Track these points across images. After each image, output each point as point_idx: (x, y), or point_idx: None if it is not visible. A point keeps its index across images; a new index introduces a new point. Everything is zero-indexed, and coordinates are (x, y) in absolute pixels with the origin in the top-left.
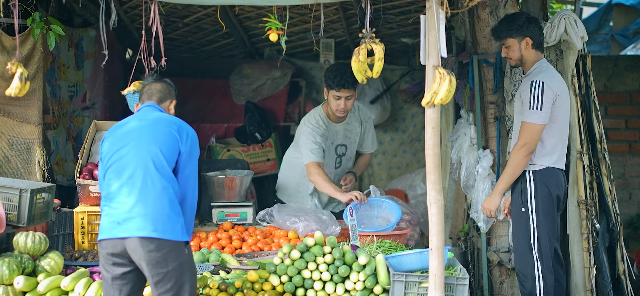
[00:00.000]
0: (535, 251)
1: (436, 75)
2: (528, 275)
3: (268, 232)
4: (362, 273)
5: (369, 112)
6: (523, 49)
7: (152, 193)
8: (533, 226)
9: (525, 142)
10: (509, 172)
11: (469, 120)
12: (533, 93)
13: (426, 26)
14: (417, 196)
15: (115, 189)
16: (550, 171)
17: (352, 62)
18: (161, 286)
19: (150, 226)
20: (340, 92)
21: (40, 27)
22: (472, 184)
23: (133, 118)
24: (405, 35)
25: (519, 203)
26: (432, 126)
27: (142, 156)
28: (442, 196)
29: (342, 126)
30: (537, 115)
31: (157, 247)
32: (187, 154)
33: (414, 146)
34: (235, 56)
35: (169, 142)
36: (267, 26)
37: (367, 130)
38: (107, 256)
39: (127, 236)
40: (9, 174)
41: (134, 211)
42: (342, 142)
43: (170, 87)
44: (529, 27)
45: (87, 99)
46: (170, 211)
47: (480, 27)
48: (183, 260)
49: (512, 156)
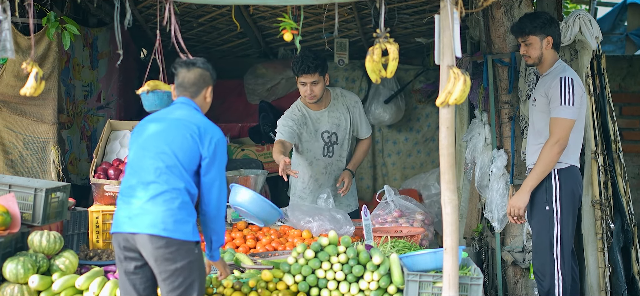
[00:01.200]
0: (557, 250)
1: (450, 75)
2: (546, 274)
3: (282, 231)
4: (376, 273)
5: (354, 96)
6: (544, 47)
7: (164, 193)
8: (557, 225)
9: (559, 139)
10: (540, 169)
11: (483, 120)
12: (564, 89)
13: (440, 26)
14: (431, 195)
15: (131, 185)
16: (574, 170)
17: (366, 62)
18: (169, 284)
19: (160, 225)
20: (303, 78)
21: (55, 26)
22: (486, 184)
23: (154, 119)
24: (419, 35)
25: (544, 201)
26: (446, 125)
27: (157, 159)
28: (457, 195)
29: (324, 113)
30: (570, 110)
31: (165, 244)
32: (209, 158)
33: (428, 146)
34: (250, 56)
35: (186, 147)
36: (282, 26)
37: (357, 115)
38: (120, 250)
39: (137, 232)
40: (24, 173)
41: (145, 208)
42: (328, 129)
43: (206, 72)
44: (551, 27)
45: (102, 99)
46: (182, 211)
47: (494, 27)
48: (192, 258)
49: (545, 152)
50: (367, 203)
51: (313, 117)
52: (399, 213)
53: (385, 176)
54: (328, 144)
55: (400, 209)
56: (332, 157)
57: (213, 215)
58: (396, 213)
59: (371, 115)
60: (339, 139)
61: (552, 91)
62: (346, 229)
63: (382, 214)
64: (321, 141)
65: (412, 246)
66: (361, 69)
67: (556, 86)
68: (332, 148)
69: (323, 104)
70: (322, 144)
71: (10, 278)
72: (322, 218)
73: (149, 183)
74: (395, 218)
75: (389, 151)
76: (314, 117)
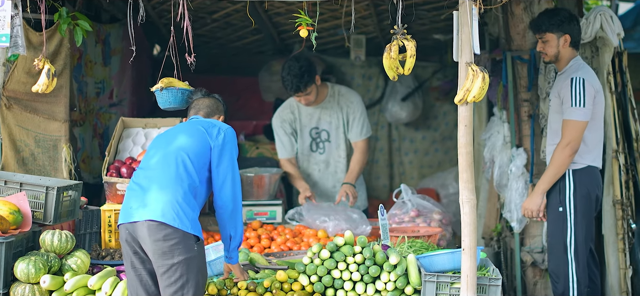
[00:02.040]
0: (571, 252)
1: (469, 72)
2: (561, 276)
3: (297, 231)
4: (393, 273)
5: (353, 96)
6: (561, 45)
7: (167, 182)
8: (570, 227)
9: (570, 141)
10: (552, 172)
11: (503, 118)
12: (574, 90)
13: (459, 22)
14: (449, 195)
15: (138, 179)
16: (590, 170)
17: (383, 59)
18: (166, 278)
19: (158, 212)
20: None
21: (67, 22)
22: (505, 184)
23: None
24: (437, 31)
25: (557, 202)
26: (464, 124)
27: (165, 150)
28: (475, 195)
29: (316, 110)
30: (581, 112)
31: (164, 237)
32: (219, 148)
33: (446, 145)
34: (265, 53)
35: (196, 138)
36: (297, 22)
37: (350, 115)
38: (125, 243)
39: (137, 221)
40: (36, 171)
41: (147, 197)
42: (316, 125)
43: (219, 103)
44: (570, 25)
45: (114, 96)
46: (183, 202)
47: (514, 24)
48: (191, 255)
49: (556, 155)
50: (384, 202)
51: (304, 112)
52: (416, 213)
53: (402, 175)
54: (317, 141)
55: (418, 208)
56: (323, 154)
57: (230, 210)
58: (413, 212)
59: (388, 113)
60: (332, 137)
61: (564, 91)
62: (362, 228)
63: (399, 213)
64: (308, 137)
65: (429, 247)
66: (378, 66)
67: (567, 87)
68: (322, 145)
69: (317, 101)
70: (310, 140)
71: (21, 277)
72: (338, 217)
73: (154, 176)
74: (413, 217)
75: (406, 150)
76: (305, 112)
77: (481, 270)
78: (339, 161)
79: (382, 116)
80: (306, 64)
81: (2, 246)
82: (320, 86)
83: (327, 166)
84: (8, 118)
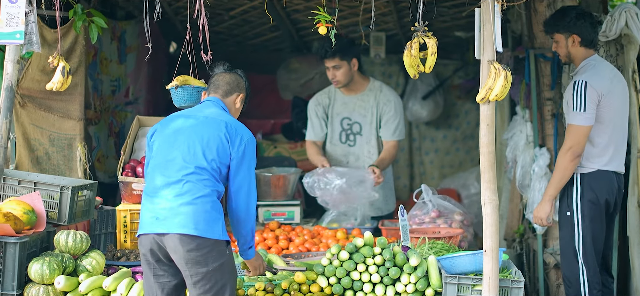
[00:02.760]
0: (580, 256)
1: (491, 70)
2: (573, 281)
3: (316, 232)
4: (413, 275)
5: (393, 96)
6: (569, 46)
7: (194, 192)
8: (578, 231)
9: (571, 146)
10: (556, 177)
11: (525, 117)
12: (576, 94)
13: (481, 19)
14: (471, 195)
15: (158, 185)
16: (600, 174)
17: (404, 57)
18: (200, 287)
19: (191, 224)
20: (326, 62)
21: (82, 19)
22: (527, 184)
23: (184, 114)
24: (459, 28)
25: (565, 206)
26: (486, 123)
27: (187, 157)
28: (497, 195)
29: (354, 99)
30: (581, 116)
31: (197, 246)
32: (239, 159)
33: (467, 144)
34: (283, 50)
35: (217, 146)
36: (316, 19)
37: (385, 114)
38: (147, 252)
39: (166, 233)
40: (50, 171)
41: (175, 208)
42: (349, 116)
43: (240, 79)
44: (577, 24)
45: (130, 94)
46: (212, 210)
47: (537, 21)
48: (224, 260)
49: (559, 160)
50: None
51: (340, 100)
52: (436, 214)
53: (422, 175)
54: (348, 132)
55: (438, 209)
56: (353, 147)
57: (242, 218)
58: (434, 213)
59: (408, 111)
60: (364, 131)
61: (567, 94)
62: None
63: (419, 214)
64: (338, 126)
65: (450, 248)
66: (398, 64)
67: (569, 90)
68: (353, 137)
69: (353, 90)
70: (340, 130)
71: (35, 278)
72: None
73: (177, 182)
74: (433, 218)
75: (426, 149)
76: (341, 100)
77: (503, 272)
78: (368, 156)
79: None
80: (345, 40)
81: (16, 247)
82: (359, 75)
83: (356, 159)
84: (22, 116)
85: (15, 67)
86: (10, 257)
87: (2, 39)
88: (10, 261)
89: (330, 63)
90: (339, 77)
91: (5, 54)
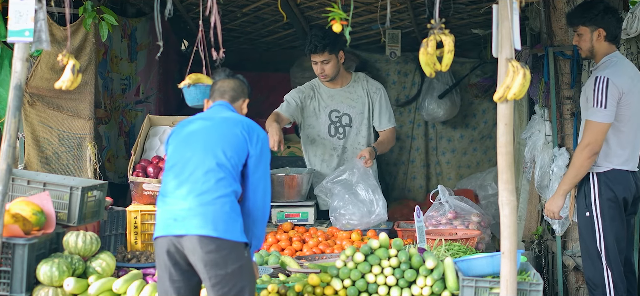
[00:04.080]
0: (604, 258)
1: (509, 68)
2: (598, 284)
3: (330, 233)
4: (429, 278)
5: (378, 84)
6: (594, 40)
7: (213, 192)
8: (599, 232)
9: (589, 143)
10: (572, 173)
11: (544, 116)
12: (597, 90)
13: (499, 16)
14: (488, 196)
15: (174, 186)
16: (617, 173)
17: (420, 55)
18: (218, 290)
19: (210, 225)
20: (313, 57)
21: (92, 16)
22: (546, 185)
23: (200, 117)
24: (476, 26)
25: (583, 207)
26: (504, 122)
27: (205, 156)
28: (515, 196)
29: (338, 92)
30: (601, 113)
31: (216, 248)
32: (257, 157)
33: (485, 144)
34: (296, 48)
35: (236, 143)
36: (331, 16)
37: (377, 102)
38: (165, 255)
39: (184, 234)
40: (59, 171)
41: (193, 208)
42: (338, 108)
43: (244, 84)
44: (605, 18)
45: (141, 93)
46: (231, 211)
47: (556, 18)
48: (243, 262)
49: (575, 156)
50: (420, 203)
51: (324, 93)
52: (453, 215)
53: (439, 176)
54: (337, 125)
55: (455, 210)
56: (343, 139)
57: (258, 217)
58: (451, 214)
59: (425, 111)
60: (353, 122)
61: (588, 90)
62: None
63: (435, 215)
64: (327, 119)
65: (467, 250)
66: (414, 62)
67: (590, 86)
68: (342, 130)
69: (339, 83)
70: (328, 123)
71: (44, 280)
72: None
73: (195, 182)
74: (450, 219)
75: (443, 149)
76: (326, 93)
77: (521, 275)
78: (357, 147)
79: (419, 114)
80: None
81: (25, 248)
82: (343, 70)
83: (343, 151)
84: (31, 115)
85: (24, 66)
86: (19, 259)
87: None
88: (19, 262)
89: (319, 58)
90: (328, 71)
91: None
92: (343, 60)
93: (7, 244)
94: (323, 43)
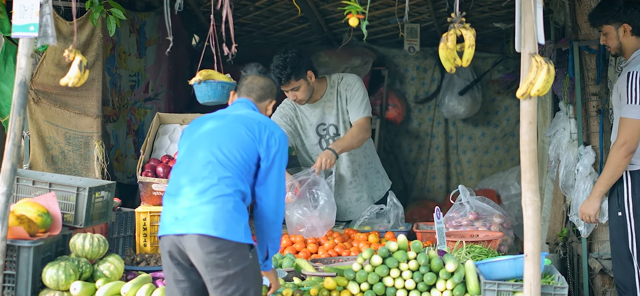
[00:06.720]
0: (635, 259)
1: (532, 63)
2: (629, 286)
3: (346, 235)
4: (449, 281)
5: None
6: (621, 36)
7: (215, 190)
8: (631, 232)
9: (625, 141)
10: (608, 173)
11: (569, 113)
12: (630, 86)
13: (522, 10)
14: (511, 196)
15: (180, 184)
16: None
17: (439, 50)
18: (221, 292)
19: (210, 224)
20: (283, 88)
21: (99, 11)
22: (571, 184)
23: (214, 116)
24: (498, 19)
25: (616, 207)
26: (528, 120)
27: (211, 154)
28: (539, 196)
29: (320, 104)
30: (636, 110)
31: (217, 248)
32: (271, 157)
33: (507, 142)
34: (312, 43)
35: (246, 142)
36: (347, 10)
37: (348, 98)
38: (167, 255)
39: (185, 233)
40: (66, 170)
41: (195, 207)
42: (322, 121)
43: (274, 85)
44: (627, 13)
45: (150, 90)
46: (234, 211)
47: (581, 11)
48: (246, 264)
49: (611, 155)
50: (440, 204)
51: (304, 112)
52: (474, 216)
53: (459, 175)
54: (326, 137)
55: (477, 211)
56: None
57: (272, 220)
58: (472, 215)
59: (445, 108)
60: (340, 130)
61: (621, 87)
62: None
63: (456, 216)
64: (315, 136)
65: (489, 252)
66: (434, 57)
67: (623, 82)
68: (332, 141)
69: (318, 96)
70: (318, 139)
71: (50, 284)
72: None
73: (199, 180)
74: (471, 221)
75: (464, 148)
76: (305, 113)
77: (545, 278)
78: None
79: (438, 111)
80: (293, 56)
81: (30, 251)
82: (316, 82)
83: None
84: (36, 113)
85: (29, 61)
86: (24, 262)
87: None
88: (24, 266)
89: (287, 88)
90: (301, 96)
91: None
92: (313, 79)
93: (12, 247)
94: (286, 74)
